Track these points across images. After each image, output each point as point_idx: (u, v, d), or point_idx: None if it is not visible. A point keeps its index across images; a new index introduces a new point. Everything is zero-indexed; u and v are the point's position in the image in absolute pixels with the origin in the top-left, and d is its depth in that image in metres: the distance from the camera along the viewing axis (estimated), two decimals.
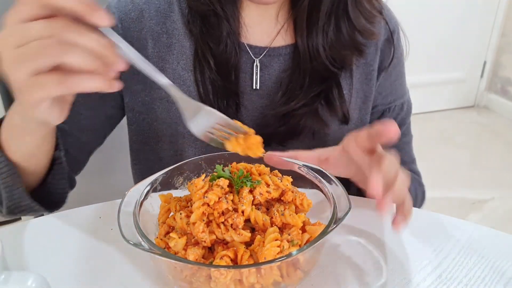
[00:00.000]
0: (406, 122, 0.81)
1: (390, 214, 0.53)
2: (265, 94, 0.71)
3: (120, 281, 0.49)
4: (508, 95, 2.92)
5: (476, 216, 1.97)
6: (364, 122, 0.76)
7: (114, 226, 0.42)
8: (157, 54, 0.69)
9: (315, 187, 0.52)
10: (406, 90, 0.81)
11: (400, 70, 0.79)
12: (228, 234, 0.44)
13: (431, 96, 2.92)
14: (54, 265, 0.51)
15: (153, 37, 0.69)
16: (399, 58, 0.77)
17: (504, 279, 0.50)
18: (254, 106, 0.71)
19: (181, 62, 0.69)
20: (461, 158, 2.46)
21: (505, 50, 2.90)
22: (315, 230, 0.46)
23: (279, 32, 0.71)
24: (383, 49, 0.75)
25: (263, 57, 0.70)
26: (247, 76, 0.70)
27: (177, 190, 0.54)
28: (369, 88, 0.74)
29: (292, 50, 0.71)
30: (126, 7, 0.69)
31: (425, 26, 2.61)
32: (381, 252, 0.54)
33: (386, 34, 0.74)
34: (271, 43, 0.71)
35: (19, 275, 0.38)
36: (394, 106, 0.78)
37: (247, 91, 0.71)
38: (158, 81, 0.43)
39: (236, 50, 0.68)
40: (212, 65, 0.67)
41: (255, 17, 0.70)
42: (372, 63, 0.74)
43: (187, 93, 0.69)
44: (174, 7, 0.69)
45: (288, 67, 0.71)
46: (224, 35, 0.67)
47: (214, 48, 0.67)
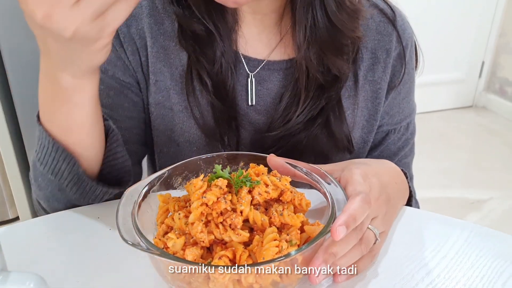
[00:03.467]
0: (409, 143, 0.77)
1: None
2: (262, 110, 0.68)
3: (119, 281, 0.49)
4: (506, 95, 2.92)
5: (474, 216, 1.98)
6: (367, 142, 0.73)
7: (113, 226, 0.42)
8: (156, 55, 0.66)
9: (314, 187, 0.52)
10: (414, 107, 0.77)
11: (410, 87, 0.74)
12: (226, 234, 0.44)
13: (430, 97, 2.92)
14: (52, 265, 0.51)
15: (152, 35, 0.66)
16: (410, 74, 0.72)
17: (502, 279, 0.50)
18: (251, 123, 0.68)
19: (179, 69, 0.66)
20: (459, 158, 2.46)
21: (503, 51, 2.90)
22: (314, 230, 0.46)
23: (278, 44, 0.67)
24: (395, 65, 0.70)
25: (260, 70, 0.67)
26: (243, 92, 0.67)
27: (175, 190, 0.54)
28: (374, 106, 0.70)
29: (294, 65, 0.67)
30: None
31: (423, 27, 2.61)
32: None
33: (398, 49, 0.69)
34: (269, 56, 0.67)
35: (18, 275, 0.38)
36: (400, 127, 0.75)
37: (243, 108, 0.67)
38: None
39: (232, 70, 0.65)
40: (210, 87, 0.64)
41: (251, 29, 0.67)
42: (379, 80, 0.69)
43: (184, 103, 0.66)
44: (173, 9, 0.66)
45: (288, 83, 0.67)
46: (218, 53, 0.64)
47: (208, 68, 0.64)
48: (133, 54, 0.67)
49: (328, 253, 0.43)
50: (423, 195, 2.07)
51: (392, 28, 0.68)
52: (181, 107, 0.68)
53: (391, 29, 0.69)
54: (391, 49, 0.68)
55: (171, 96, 0.67)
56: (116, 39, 0.67)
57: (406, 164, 0.78)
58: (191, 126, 0.68)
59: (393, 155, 0.76)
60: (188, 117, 0.68)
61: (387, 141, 0.75)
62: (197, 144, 0.69)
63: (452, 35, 2.81)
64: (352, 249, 0.46)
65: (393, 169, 0.65)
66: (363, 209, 0.45)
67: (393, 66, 0.70)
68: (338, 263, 0.45)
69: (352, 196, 0.46)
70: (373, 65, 0.69)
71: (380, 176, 0.55)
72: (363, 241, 0.47)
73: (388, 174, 0.59)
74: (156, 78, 0.67)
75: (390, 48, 0.69)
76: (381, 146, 0.75)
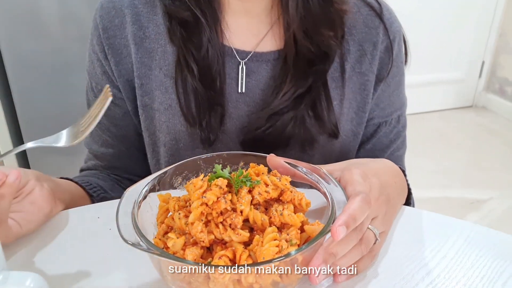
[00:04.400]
0: (401, 135, 0.78)
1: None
2: (251, 101, 0.68)
3: (119, 281, 0.49)
4: (506, 95, 2.92)
5: (474, 216, 1.98)
6: (357, 134, 0.73)
7: (113, 226, 0.42)
8: (140, 60, 0.68)
9: (314, 187, 0.52)
10: (404, 100, 0.78)
11: (400, 80, 0.74)
12: (226, 234, 0.44)
13: (429, 96, 2.92)
14: (52, 265, 0.51)
15: (136, 42, 0.67)
16: (399, 67, 0.73)
17: (502, 279, 0.50)
18: (239, 113, 0.68)
19: (164, 68, 0.67)
20: (459, 158, 2.46)
21: (503, 50, 2.90)
22: (314, 230, 0.46)
23: (266, 35, 0.68)
24: (383, 58, 0.70)
25: (248, 61, 0.67)
26: (232, 81, 0.68)
27: (175, 190, 0.54)
28: (362, 98, 0.71)
29: (283, 56, 0.67)
30: (109, 14, 0.68)
31: (423, 26, 2.61)
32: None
33: (385, 42, 0.70)
34: (257, 46, 0.68)
35: (18, 275, 0.38)
36: (391, 120, 0.75)
37: (232, 97, 0.68)
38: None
39: (218, 56, 0.65)
40: (196, 72, 0.65)
41: (240, 19, 0.67)
42: (367, 72, 0.70)
43: (169, 100, 0.68)
44: (157, 11, 0.67)
45: (277, 74, 0.68)
46: (205, 39, 0.64)
47: (195, 54, 0.65)
48: (117, 65, 0.69)
49: (328, 253, 0.43)
50: (423, 195, 2.08)
51: (379, 21, 0.69)
52: (166, 105, 0.68)
53: (378, 22, 0.69)
54: (378, 42, 0.69)
55: (157, 97, 0.68)
56: (101, 53, 0.69)
57: (399, 157, 0.79)
58: (176, 123, 0.69)
59: (385, 147, 0.76)
60: (173, 114, 0.68)
61: (379, 134, 0.75)
62: (183, 141, 0.69)
63: (452, 34, 2.81)
64: (352, 249, 0.46)
65: (392, 168, 0.65)
66: (363, 209, 0.45)
67: (381, 58, 0.70)
68: (338, 263, 0.45)
69: (352, 196, 0.46)
70: (360, 57, 0.69)
71: (380, 176, 0.55)
72: (363, 241, 0.47)
73: (387, 174, 0.60)
74: (142, 82, 0.69)
75: (377, 41, 0.69)
76: (373, 138, 0.76)
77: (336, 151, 0.72)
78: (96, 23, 0.69)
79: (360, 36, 0.70)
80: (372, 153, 0.76)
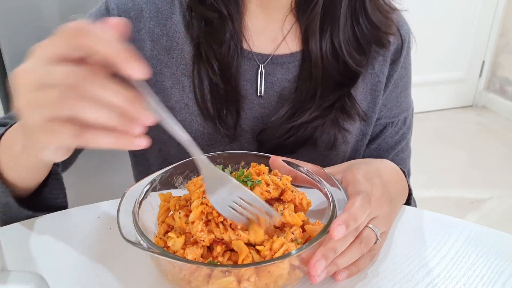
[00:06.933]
0: (406, 138, 0.78)
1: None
2: (266, 104, 0.69)
3: (119, 280, 0.49)
4: (506, 95, 2.92)
5: (474, 215, 1.98)
6: (366, 134, 0.74)
7: (113, 225, 0.42)
8: (156, 57, 0.67)
9: (314, 186, 0.52)
10: (411, 102, 0.79)
11: (407, 82, 0.76)
12: (227, 233, 0.44)
13: (430, 96, 2.92)
14: (53, 265, 0.51)
15: (152, 39, 0.67)
16: (407, 69, 0.74)
17: (502, 279, 0.50)
18: (254, 115, 0.69)
19: (181, 67, 0.67)
20: (459, 157, 2.46)
21: (503, 50, 2.90)
22: (315, 229, 0.46)
23: (284, 39, 0.69)
24: (393, 59, 0.72)
25: (266, 65, 0.68)
26: (248, 83, 0.68)
27: (176, 189, 0.54)
28: (373, 99, 0.72)
29: (299, 58, 0.68)
30: (126, 5, 0.67)
31: (423, 26, 2.61)
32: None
33: (396, 43, 0.71)
34: (275, 50, 0.68)
35: (18, 275, 0.38)
36: (398, 121, 0.76)
37: (249, 98, 0.68)
38: (181, 139, 0.39)
39: (238, 53, 0.66)
40: (216, 68, 0.65)
41: (260, 23, 0.68)
42: (379, 73, 0.71)
43: (185, 99, 0.67)
44: (175, 9, 0.67)
45: (294, 77, 0.68)
46: (228, 36, 0.65)
47: (216, 50, 0.65)
48: None
49: (327, 248, 0.44)
50: (423, 195, 2.08)
51: (393, 12, 0.70)
52: (183, 104, 0.68)
53: (392, 13, 0.70)
54: (389, 43, 0.70)
55: (173, 95, 0.68)
56: None
57: (403, 160, 0.79)
58: (193, 122, 0.68)
59: (390, 148, 0.77)
60: (189, 113, 0.68)
61: (385, 134, 0.76)
62: (198, 140, 0.69)
63: (453, 34, 2.81)
64: (352, 248, 0.46)
65: (392, 168, 0.65)
66: (364, 208, 0.45)
67: (391, 60, 0.71)
68: (338, 262, 0.46)
69: (352, 195, 0.46)
70: (372, 59, 0.70)
71: (381, 176, 0.55)
72: (363, 240, 0.47)
73: (388, 174, 0.60)
74: (157, 79, 0.68)
75: (389, 43, 0.70)
76: (379, 139, 0.76)
77: (348, 151, 0.73)
78: (107, 6, 0.68)
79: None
80: (377, 153, 0.77)
